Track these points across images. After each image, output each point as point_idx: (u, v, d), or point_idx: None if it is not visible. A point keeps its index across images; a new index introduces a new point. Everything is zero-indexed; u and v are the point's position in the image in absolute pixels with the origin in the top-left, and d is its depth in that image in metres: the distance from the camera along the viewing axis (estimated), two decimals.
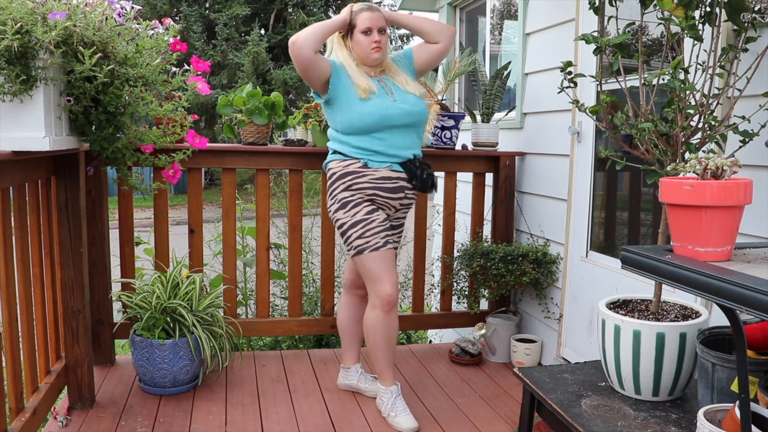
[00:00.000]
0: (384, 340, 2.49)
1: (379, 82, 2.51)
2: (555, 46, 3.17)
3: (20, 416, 2.08)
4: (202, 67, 2.48)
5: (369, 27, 2.44)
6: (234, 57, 15.83)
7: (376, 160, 2.46)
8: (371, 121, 2.42)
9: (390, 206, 2.52)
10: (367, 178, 2.45)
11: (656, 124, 1.84)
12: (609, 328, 1.87)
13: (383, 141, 2.45)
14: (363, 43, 2.45)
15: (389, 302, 2.43)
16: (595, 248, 2.91)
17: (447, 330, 4.28)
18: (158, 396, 2.73)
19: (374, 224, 2.43)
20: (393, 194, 2.49)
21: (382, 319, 2.45)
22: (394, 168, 2.48)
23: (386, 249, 2.43)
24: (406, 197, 2.54)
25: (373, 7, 2.52)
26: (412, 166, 2.50)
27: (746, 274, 1.27)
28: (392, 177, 2.48)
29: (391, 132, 2.46)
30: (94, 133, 2.20)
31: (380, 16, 2.48)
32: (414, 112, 2.49)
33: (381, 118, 2.42)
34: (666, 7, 1.75)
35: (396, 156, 2.48)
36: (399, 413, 2.51)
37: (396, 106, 2.46)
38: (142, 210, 8.31)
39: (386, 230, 2.46)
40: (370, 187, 2.45)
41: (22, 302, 2.12)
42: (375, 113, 2.42)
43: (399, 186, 2.49)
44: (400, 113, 2.45)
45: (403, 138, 2.49)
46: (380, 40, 2.46)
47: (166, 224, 3.10)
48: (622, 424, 1.69)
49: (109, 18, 2.07)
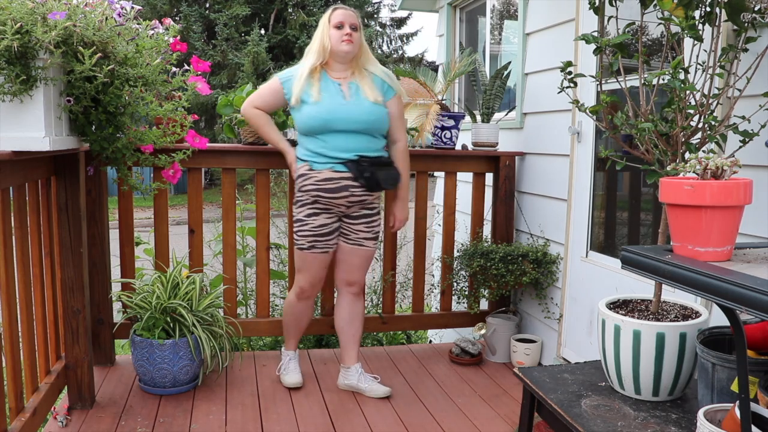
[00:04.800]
0: (292, 318, 2.86)
1: (341, 84, 2.60)
2: (555, 46, 3.17)
3: (20, 416, 2.08)
4: (202, 67, 2.48)
5: (341, 21, 2.56)
6: (234, 57, 15.84)
7: (319, 161, 2.59)
8: (315, 125, 2.56)
9: (336, 205, 2.63)
10: (311, 180, 2.60)
11: (656, 124, 1.84)
12: (609, 328, 1.87)
13: (326, 143, 2.57)
14: (334, 36, 2.57)
15: (301, 293, 2.77)
16: (595, 248, 2.91)
17: (447, 330, 4.27)
18: (158, 396, 2.73)
19: (306, 228, 2.65)
20: (336, 194, 2.58)
21: (294, 302, 2.82)
22: (337, 169, 2.57)
23: (310, 252, 2.67)
24: (353, 195, 2.60)
25: (347, 7, 2.64)
26: (357, 166, 2.56)
27: (746, 274, 1.27)
28: (335, 177, 2.58)
29: (334, 135, 2.56)
30: (94, 133, 2.19)
31: (353, 15, 2.60)
32: (361, 120, 2.56)
33: (323, 122, 2.55)
34: (666, 7, 1.75)
35: (337, 158, 2.57)
36: (289, 372, 2.89)
37: (344, 110, 2.55)
38: (142, 210, 8.31)
39: (317, 236, 2.65)
40: (314, 189, 2.59)
41: (22, 302, 2.12)
42: (318, 117, 2.55)
43: (342, 186, 2.58)
44: (345, 119, 2.55)
45: (347, 141, 2.56)
46: (351, 34, 2.56)
47: (166, 224, 3.10)
48: (622, 424, 1.69)
49: (109, 18, 2.07)
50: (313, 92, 2.56)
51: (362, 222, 2.69)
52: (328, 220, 2.65)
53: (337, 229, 2.70)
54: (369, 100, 2.58)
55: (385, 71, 2.70)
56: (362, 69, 2.64)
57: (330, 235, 2.68)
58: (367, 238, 2.72)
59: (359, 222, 2.69)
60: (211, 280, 3.46)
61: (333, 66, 2.63)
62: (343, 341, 2.84)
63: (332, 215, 2.66)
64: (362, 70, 2.64)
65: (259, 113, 2.71)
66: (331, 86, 2.59)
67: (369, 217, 2.70)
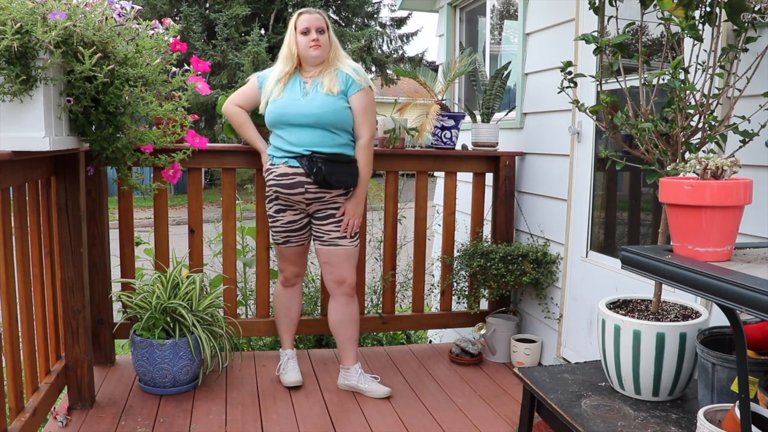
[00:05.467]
0: (282, 309, 2.94)
1: (306, 82, 2.65)
2: (555, 46, 3.17)
3: (20, 416, 2.08)
4: (202, 67, 2.49)
5: (307, 27, 2.61)
6: (234, 57, 15.83)
7: (277, 156, 2.67)
8: (271, 119, 2.65)
9: (294, 202, 2.69)
10: (272, 175, 2.68)
11: (656, 124, 1.84)
12: (609, 328, 1.87)
13: (282, 138, 2.64)
14: (302, 43, 2.62)
15: (286, 280, 2.89)
16: (595, 248, 2.91)
17: (447, 330, 4.27)
18: (158, 396, 2.73)
19: (277, 224, 2.76)
20: (291, 190, 2.64)
21: (281, 291, 2.93)
22: (291, 164, 2.63)
23: (285, 247, 2.80)
24: (308, 192, 2.63)
25: (312, 10, 2.66)
26: (309, 161, 2.59)
27: (746, 274, 1.27)
28: (289, 173, 2.63)
29: (289, 129, 2.62)
30: (94, 133, 2.19)
31: (318, 18, 2.63)
32: (311, 113, 2.59)
33: (277, 116, 2.63)
34: (666, 7, 1.75)
35: (291, 152, 2.63)
36: (288, 371, 2.91)
37: (297, 104, 2.60)
38: (142, 210, 8.31)
39: (288, 231, 2.75)
40: (274, 185, 2.68)
41: (22, 302, 2.12)
42: (274, 111, 2.63)
43: (296, 182, 2.62)
44: (297, 113, 2.60)
45: (301, 135, 2.60)
46: (318, 39, 2.60)
47: (166, 224, 3.10)
48: (622, 424, 1.69)
49: (109, 18, 2.07)
50: (276, 91, 2.64)
51: (330, 222, 2.69)
52: (295, 217, 2.73)
53: (309, 223, 2.76)
54: (323, 93, 2.60)
55: (354, 67, 2.68)
56: (330, 66, 2.66)
57: (302, 230, 2.77)
58: (341, 237, 2.70)
59: (327, 222, 2.69)
60: (211, 280, 3.46)
61: (305, 67, 2.68)
62: (339, 343, 2.84)
63: (296, 212, 2.72)
64: (330, 67, 2.66)
65: (238, 111, 2.79)
66: (297, 85, 2.65)
67: (336, 217, 2.70)
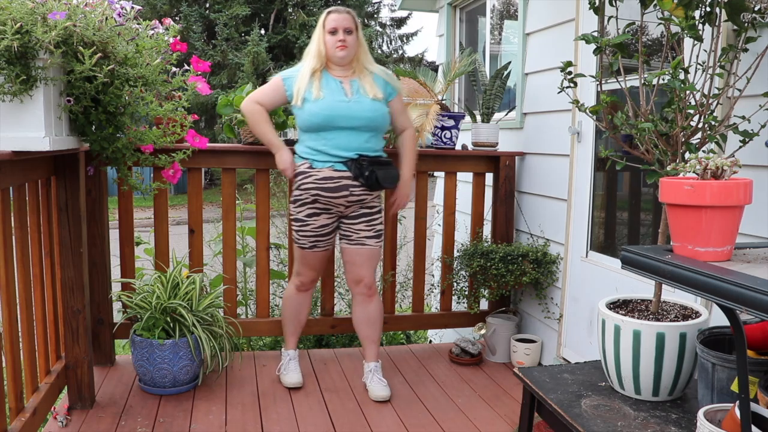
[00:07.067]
0: (292, 311, 2.90)
1: (342, 82, 2.61)
2: (555, 46, 3.17)
3: (20, 416, 2.08)
4: (202, 67, 2.48)
5: (334, 27, 2.58)
6: (234, 57, 15.84)
7: (320, 159, 2.60)
8: (317, 121, 2.57)
9: (335, 205, 2.64)
10: (311, 179, 2.61)
11: (656, 124, 1.84)
12: (609, 328, 1.87)
13: (327, 141, 2.58)
14: (329, 42, 2.59)
15: (301, 284, 2.84)
16: (595, 248, 2.91)
17: (447, 330, 4.27)
18: (158, 396, 2.73)
19: (307, 228, 2.68)
20: (335, 193, 2.60)
21: (293, 294, 2.88)
22: (337, 168, 2.59)
23: (311, 251, 2.73)
24: (352, 195, 2.61)
25: (342, 9, 2.63)
26: (357, 164, 2.57)
27: (746, 274, 1.27)
28: (334, 177, 2.59)
29: (336, 132, 2.58)
30: (94, 133, 2.19)
31: (347, 18, 2.60)
32: (363, 117, 2.58)
33: (326, 119, 2.56)
34: (666, 7, 1.75)
35: (338, 156, 2.59)
36: (289, 372, 2.90)
37: (347, 107, 2.57)
38: (142, 210, 8.31)
39: (318, 236, 2.69)
40: (314, 188, 2.61)
41: (22, 302, 2.12)
42: (320, 114, 2.56)
43: (342, 185, 2.60)
44: (348, 115, 2.56)
45: (349, 139, 2.58)
46: (345, 39, 2.57)
47: (166, 224, 3.09)
48: (622, 424, 1.69)
49: (109, 18, 2.07)
50: (314, 90, 2.57)
51: (362, 221, 2.70)
52: (328, 221, 2.68)
53: (338, 227, 2.73)
54: (369, 98, 2.60)
55: (384, 71, 2.73)
56: (363, 68, 2.66)
57: (330, 234, 2.73)
58: (369, 237, 2.72)
59: (359, 221, 2.69)
60: (211, 280, 3.46)
61: (332, 67, 2.65)
62: (360, 339, 2.92)
63: (332, 215, 2.68)
64: (363, 69, 2.66)
65: (259, 109, 2.70)
66: (333, 84, 2.61)
67: (368, 216, 2.71)
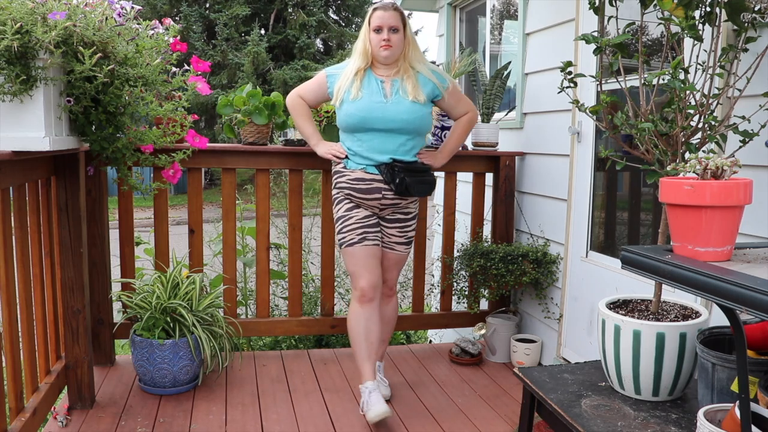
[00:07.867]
0: (361, 330, 2.53)
1: (384, 82, 2.55)
2: (555, 46, 3.17)
3: (20, 416, 2.08)
4: (202, 67, 2.48)
5: (379, 26, 2.50)
6: (234, 57, 15.83)
7: (354, 161, 2.57)
8: (353, 122, 2.53)
9: (368, 206, 2.59)
10: (345, 178, 2.58)
11: (656, 124, 1.84)
12: (609, 328, 1.87)
13: (362, 143, 2.54)
14: (374, 40, 2.52)
15: (362, 296, 2.54)
16: (595, 248, 2.91)
17: (447, 330, 4.27)
18: (158, 396, 2.73)
19: (352, 221, 2.56)
20: (367, 195, 2.55)
21: (358, 309, 2.55)
22: (369, 170, 2.55)
23: (361, 245, 2.54)
24: (385, 198, 2.57)
25: (387, 5, 2.53)
26: (389, 170, 2.53)
27: (746, 274, 1.27)
28: (366, 179, 2.55)
29: (371, 134, 2.53)
30: (94, 133, 2.20)
31: (393, 15, 2.50)
32: (398, 119, 2.50)
33: (361, 120, 2.51)
34: (666, 7, 1.75)
35: (371, 159, 2.54)
36: (371, 406, 2.44)
37: (383, 108, 2.50)
38: (142, 210, 8.31)
39: (365, 227, 2.56)
40: (346, 187, 2.58)
41: (22, 302, 2.12)
42: (356, 115, 2.51)
43: (374, 187, 2.55)
44: (383, 117, 2.50)
45: (384, 142, 2.53)
46: (389, 39, 2.49)
47: (166, 224, 3.10)
48: (622, 424, 1.69)
49: (109, 18, 2.07)
50: (354, 89, 2.51)
51: (396, 226, 2.66)
52: (369, 212, 2.60)
53: (379, 223, 2.65)
54: (408, 99, 2.51)
55: (432, 68, 2.62)
56: (409, 67, 2.56)
57: (377, 226, 2.62)
58: (399, 243, 2.68)
59: (392, 226, 2.65)
60: (211, 280, 3.46)
61: (378, 65, 2.58)
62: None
63: (369, 211, 2.60)
64: (408, 69, 2.56)
65: (301, 103, 2.67)
66: (374, 84, 2.54)
67: (403, 221, 2.67)
